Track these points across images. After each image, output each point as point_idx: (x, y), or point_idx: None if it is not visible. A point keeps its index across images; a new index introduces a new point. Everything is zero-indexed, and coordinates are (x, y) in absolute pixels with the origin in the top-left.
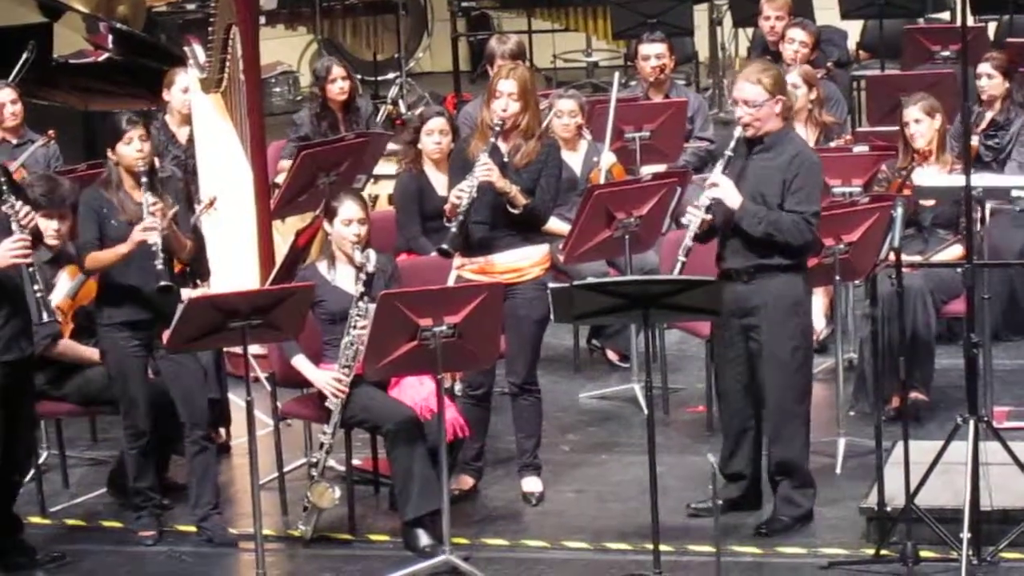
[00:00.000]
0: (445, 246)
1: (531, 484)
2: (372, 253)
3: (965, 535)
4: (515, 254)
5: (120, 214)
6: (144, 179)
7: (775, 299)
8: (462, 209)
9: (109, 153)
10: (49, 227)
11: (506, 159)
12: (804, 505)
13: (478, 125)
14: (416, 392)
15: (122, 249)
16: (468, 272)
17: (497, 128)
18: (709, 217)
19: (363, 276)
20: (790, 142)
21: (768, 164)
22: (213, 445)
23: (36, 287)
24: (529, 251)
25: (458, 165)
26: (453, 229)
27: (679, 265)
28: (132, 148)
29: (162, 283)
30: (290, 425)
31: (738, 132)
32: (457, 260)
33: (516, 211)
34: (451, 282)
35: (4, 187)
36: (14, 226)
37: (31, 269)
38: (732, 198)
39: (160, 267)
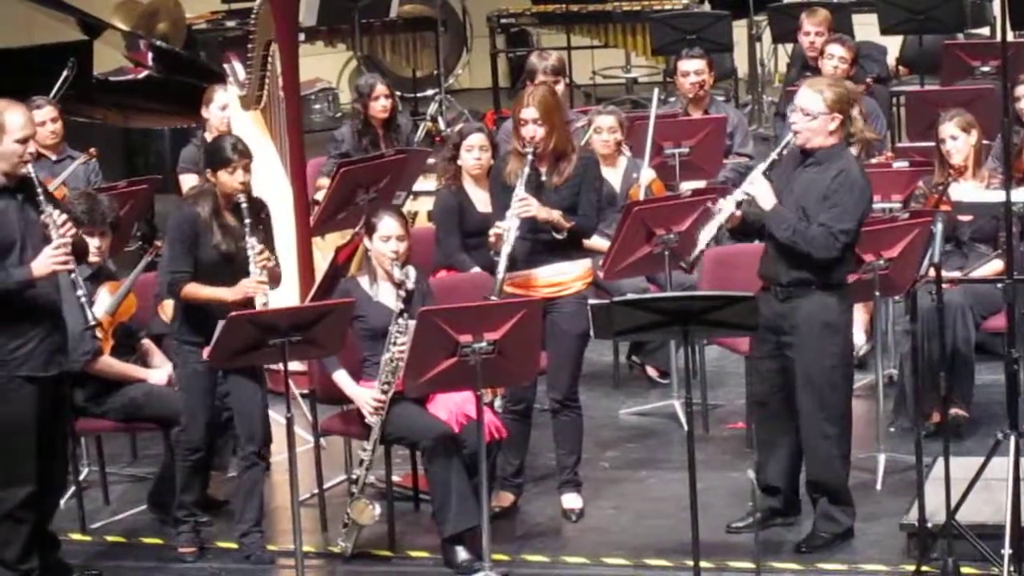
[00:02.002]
0: (493, 297)
1: (571, 501)
2: (412, 270)
3: (1006, 551)
4: (556, 268)
5: (214, 239)
6: (247, 219)
7: (809, 318)
8: (505, 251)
9: (208, 175)
10: (90, 245)
11: (543, 178)
12: (844, 522)
13: (511, 148)
14: (450, 400)
15: (225, 296)
16: (509, 286)
17: (530, 156)
18: (738, 213)
19: (403, 293)
20: (839, 159)
21: (815, 179)
22: (264, 463)
23: (80, 292)
24: (570, 266)
25: (497, 187)
26: (499, 278)
27: (696, 252)
28: (236, 178)
29: None
30: (324, 448)
31: (789, 137)
32: None
33: (560, 236)
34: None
35: (42, 197)
36: (53, 234)
37: (72, 276)
38: (766, 199)
39: None
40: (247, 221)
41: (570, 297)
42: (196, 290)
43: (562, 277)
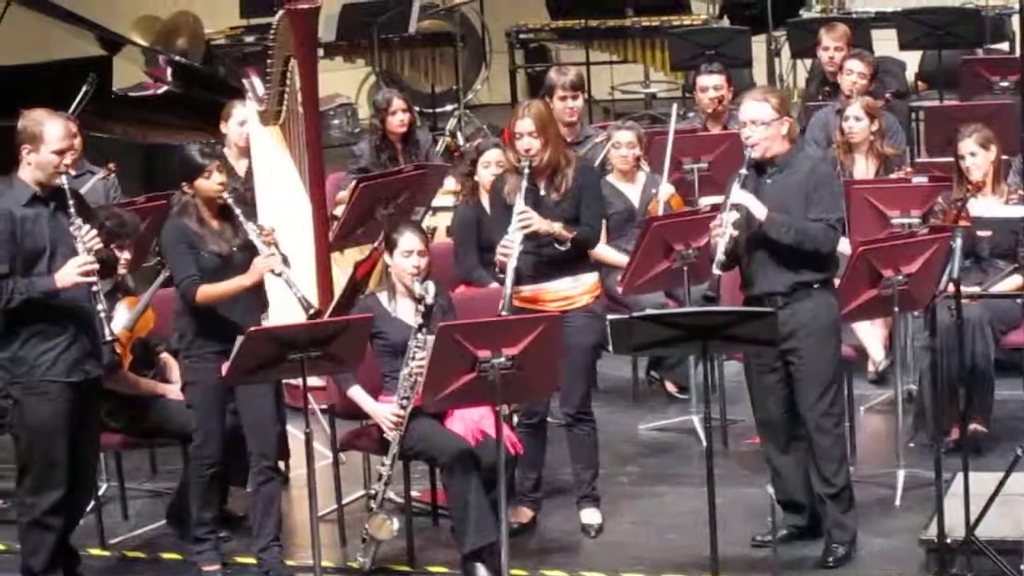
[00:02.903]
0: (504, 313)
1: (590, 516)
2: (431, 285)
3: None
4: (565, 282)
5: (210, 244)
6: (239, 209)
7: (812, 320)
8: (511, 266)
9: (185, 187)
10: (122, 257)
11: (543, 193)
12: (851, 526)
13: (507, 165)
14: (467, 415)
15: (244, 281)
16: (519, 303)
17: (527, 170)
18: (736, 233)
19: (422, 308)
20: (804, 159)
21: (786, 183)
22: (279, 476)
23: (100, 307)
24: (579, 279)
25: (499, 207)
26: (507, 293)
27: (716, 278)
28: (213, 181)
29: (312, 311)
30: (343, 463)
31: (749, 152)
32: None
33: (563, 248)
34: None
35: (72, 209)
36: (79, 247)
37: (95, 289)
38: (758, 209)
39: (299, 295)
40: (238, 211)
41: (579, 310)
42: (212, 289)
43: (572, 291)
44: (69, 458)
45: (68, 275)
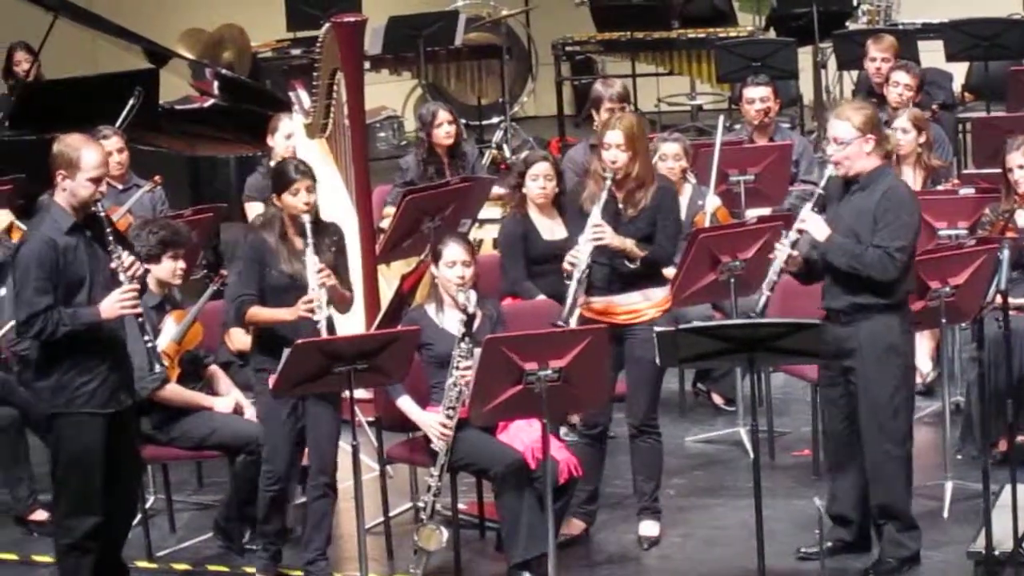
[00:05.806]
0: (560, 323)
1: (649, 528)
2: (472, 293)
3: None
4: (637, 295)
5: (281, 263)
6: (312, 239)
7: (870, 341)
8: (576, 277)
9: (274, 199)
10: (177, 267)
11: (620, 206)
12: (911, 547)
13: (591, 172)
14: (527, 435)
15: (284, 316)
16: (588, 313)
17: (608, 180)
18: (795, 253)
19: (464, 317)
20: (883, 179)
21: (863, 203)
22: (334, 494)
23: (146, 338)
24: (650, 292)
25: (574, 212)
26: (568, 303)
27: (763, 299)
28: (299, 199)
29: None
30: (391, 476)
31: (829, 170)
32: None
33: (633, 266)
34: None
35: (111, 239)
36: (121, 277)
37: (140, 320)
38: (819, 231)
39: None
40: (310, 240)
41: (647, 323)
42: (257, 313)
43: (641, 304)
44: (107, 485)
45: (112, 307)
